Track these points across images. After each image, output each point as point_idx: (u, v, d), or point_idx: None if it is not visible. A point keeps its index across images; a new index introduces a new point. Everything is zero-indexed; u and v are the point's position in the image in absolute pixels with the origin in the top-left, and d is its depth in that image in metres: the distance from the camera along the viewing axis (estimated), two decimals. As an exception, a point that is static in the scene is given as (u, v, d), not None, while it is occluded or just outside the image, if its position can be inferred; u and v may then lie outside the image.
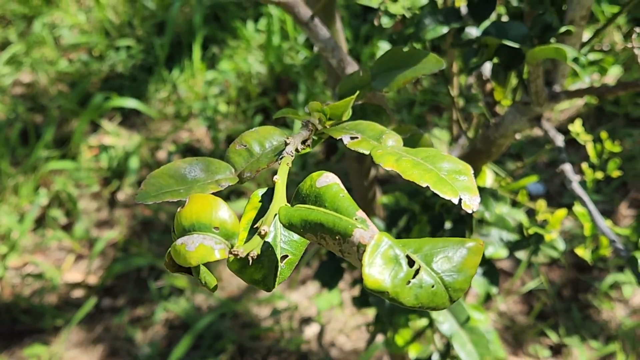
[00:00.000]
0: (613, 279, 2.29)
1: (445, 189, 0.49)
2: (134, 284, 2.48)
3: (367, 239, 0.43)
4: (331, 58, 1.06)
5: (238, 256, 0.45)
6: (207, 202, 0.46)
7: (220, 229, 0.46)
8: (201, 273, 0.48)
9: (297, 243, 0.52)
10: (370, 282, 0.42)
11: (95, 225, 2.67)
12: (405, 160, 0.52)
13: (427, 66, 0.73)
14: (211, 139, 2.88)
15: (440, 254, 0.44)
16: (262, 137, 0.59)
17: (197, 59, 3.08)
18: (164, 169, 0.55)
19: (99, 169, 2.83)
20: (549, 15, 0.95)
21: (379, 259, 0.42)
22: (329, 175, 0.49)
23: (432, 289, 0.42)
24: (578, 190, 1.03)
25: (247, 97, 3.01)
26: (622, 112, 2.75)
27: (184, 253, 0.44)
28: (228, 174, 0.56)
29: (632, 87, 0.94)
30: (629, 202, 2.50)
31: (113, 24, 3.36)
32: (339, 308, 2.30)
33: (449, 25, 1.08)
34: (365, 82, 0.75)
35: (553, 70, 1.08)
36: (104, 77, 3.18)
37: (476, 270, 0.43)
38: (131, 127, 3.01)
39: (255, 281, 0.51)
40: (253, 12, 3.31)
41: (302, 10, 1.03)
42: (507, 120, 1.18)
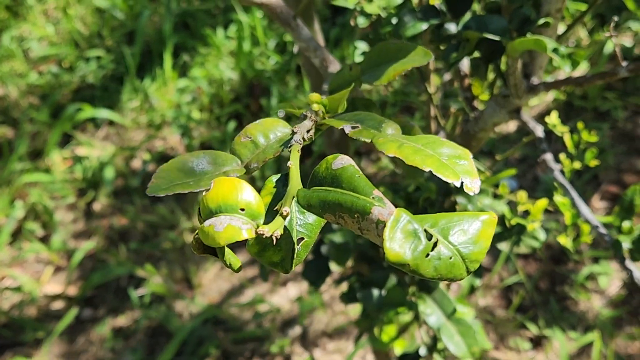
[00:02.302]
0: (589, 270, 2.32)
1: (447, 173, 0.51)
2: (114, 293, 2.48)
3: (385, 215, 0.45)
4: (314, 57, 1.08)
5: (264, 236, 0.46)
6: (232, 185, 0.47)
7: (246, 210, 0.47)
8: (226, 255, 0.49)
9: (312, 225, 0.53)
10: (392, 256, 0.43)
11: (72, 237, 2.66)
12: (406, 146, 0.53)
13: (416, 58, 0.74)
14: (185, 146, 2.88)
15: (456, 227, 0.46)
16: (267, 129, 0.60)
17: (168, 67, 3.08)
18: (172, 163, 0.56)
19: (73, 180, 2.82)
20: (527, 9, 0.97)
21: (399, 233, 0.44)
22: (344, 158, 0.50)
23: (450, 260, 0.44)
24: (560, 178, 1.05)
25: (220, 103, 3.01)
26: (591, 106, 2.79)
27: (212, 234, 0.45)
28: (235, 166, 0.57)
29: (609, 76, 0.96)
30: (601, 194, 2.54)
31: (82, 35, 3.35)
32: (321, 309, 2.31)
33: (428, 21, 1.10)
34: (355, 77, 0.77)
35: (530, 63, 1.10)
36: (75, 88, 3.17)
37: (490, 242, 0.45)
38: (104, 137, 3.00)
39: (273, 263, 0.52)
40: (222, 19, 3.32)
41: (285, 11, 1.05)
42: (486, 114, 1.21)
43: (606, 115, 2.78)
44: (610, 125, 2.74)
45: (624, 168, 2.60)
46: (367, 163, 2.75)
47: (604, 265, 2.33)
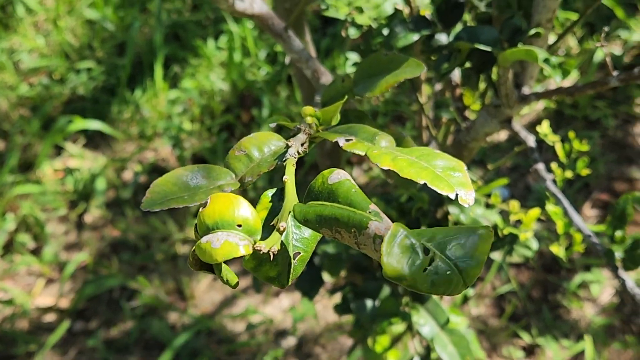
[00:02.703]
0: (581, 278, 2.33)
1: (442, 185, 0.51)
2: (107, 305, 2.47)
3: (382, 230, 0.45)
4: (305, 68, 1.08)
5: (261, 252, 0.46)
6: (229, 201, 0.47)
7: (243, 226, 0.47)
8: (223, 271, 0.49)
9: (308, 240, 0.54)
10: (390, 271, 0.44)
11: (64, 249, 2.65)
12: (401, 159, 0.54)
13: (408, 70, 0.75)
14: (176, 157, 2.88)
15: (453, 241, 0.46)
16: (261, 142, 0.60)
17: (159, 79, 3.08)
18: (167, 177, 0.56)
19: (65, 192, 2.82)
20: (517, 19, 0.98)
21: (396, 248, 0.44)
22: (340, 172, 0.50)
23: (447, 275, 0.44)
24: (552, 188, 1.06)
25: (211, 114, 3.01)
26: (581, 115, 2.80)
27: (209, 250, 0.45)
28: (229, 180, 0.57)
29: (600, 86, 0.97)
30: (592, 202, 2.55)
31: (72, 46, 3.35)
32: (314, 320, 2.31)
33: (419, 32, 1.10)
34: (347, 89, 0.77)
35: (522, 73, 1.11)
36: (65, 100, 3.17)
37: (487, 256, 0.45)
38: (95, 148, 3.00)
39: (270, 278, 0.53)
40: (213, 30, 3.32)
41: (276, 22, 1.05)
42: (478, 124, 1.21)
43: (596, 124, 2.79)
44: (601, 133, 2.75)
45: (615, 176, 2.61)
46: (359, 173, 2.75)
47: (595, 273, 2.34)
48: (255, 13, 1.02)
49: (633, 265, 0.94)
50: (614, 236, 0.99)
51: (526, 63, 1.08)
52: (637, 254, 0.93)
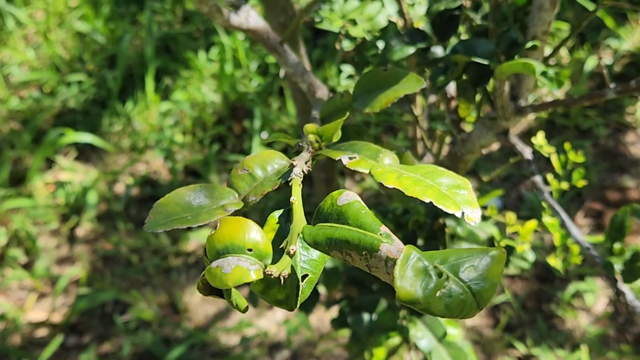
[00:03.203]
0: (575, 288, 2.33)
1: (448, 204, 0.51)
2: (99, 319, 2.46)
3: (394, 252, 0.45)
4: (301, 82, 1.08)
5: (272, 276, 0.46)
6: (239, 225, 0.46)
7: (253, 250, 0.46)
8: (232, 295, 0.49)
9: (316, 262, 0.53)
10: (403, 294, 0.43)
11: (56, 263, 2.64)
12: (406, 177, 0.53)
13: (408, 85, 0.74)
14: (168, 170, 2.87)
15: (466, 263, 0.45)
16: (264, 161, 0.60)
17: (151, 91, 3.07)
18: (169, 197, 0.55)
19: (56, 206, 2.80)
20: (514, 32, 0.97)
21: (409, 271, 0.44)
22: (349, 194, 0.50)
23: (461, 297, 0.44)
24: (550, 200, 1.05)
25: (203, 126, 3.01)
26: (573, 124, 2.81)
27: (220, 275, 0.45)
28: (232, 199, 0.57)
29: (596, 97, 0.97)
30: (585, 211, 2.55)
31: (63, 59, 3.34)
32: (309, 332, 2.30)
33: (415, 45, 1.10)
34: (347, 104, 0.77)
35: (517, 85, 1.10)
36: (56, 113, 3.15)
37: (500, 278, 0.45)
38: (87, 161, 2.98)
39: (278, 301, 0.52)
40: (204, 42, 3.31)
41: (272, 37, 1.05)
42: (474, 136, 1.21)
43: (588, 133, 2.79)
44: (593, 142, 2.75)
45: (607, 185, 2.62)
46: (351, 184, 2.75)
47: (589, 282, 2.34)
48: (250, 27, 1.02)
49: (633, 278, 0.94)
50: (612, 248, 0.99)
51: (522, 75, 1.08)
52: (636, 267, 0.92)
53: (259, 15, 1.03)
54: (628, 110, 2.84)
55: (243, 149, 2.90)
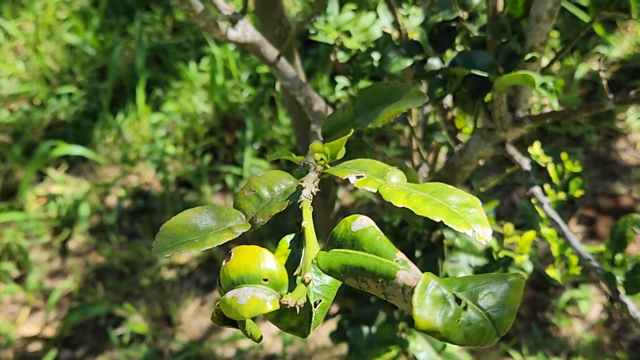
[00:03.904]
0: (569, 295, 2.33)
1: (459, 223, 0.50)
2: (93, 333, 2.44)
3: (411, 280, 0.44)
4: (298, 96, 1.07)
5: (288, 306, 0.45)
6: (253, 254, 0.46)
7: (269, 280, 0.45)
8: (247, 325, 0.48)
9: (329, 287, 0.52)
10: (422, 323, 0.42)
11: (48, 276, 2.62)
12: (415, 196, 0.53)
13: (410, 100, 0.74)
14: (160, 181, 2.86)
15: (485, 290, 0.45)
16: (270, 181, 0.59)
17: (142, 102, 3.06)
18: (175, 220, 0.55)
19: (48, 219, 2.79)
20: (512, 43, 0.97)
21: (428, 299, 0.43)
22: (364, 219, 0.49)
23: (480, 325, 0.43)
24: (549, 211, 1.05)
25: (195, 137, 3.00)
26: (564, 132, 2.81)
27: (235, 307, 0.44)
28: (239, 221, 0.56)
29: (595, 108, 0.96)
30: (578, 219, 2.56)
31: (53, 71, 3.32)
32: (304, 343, 2.29)
33: (412, 57, 1.10)
34: (348, 119, 0.76)
35: (515, 96, 1.10)
36: (47, 125, 3.14)
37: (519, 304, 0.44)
38: (78, 174, 2.97)
39: (291, 328, 0.51)
40: (194, 53, 3.31)
41: (269, 50, 1.04)
42: (471, 147, 1.21)
43: (579, 140, 2.80)
44: (584, 149, 2.76)
45: (599, 192, 2.62)
46: (344, 193, 2.74)
47: (584, 290, 2.34)
48: (247, 41, 1.01)
49: (636, 290, 0.93)
50: (614, 259, 0.98)
51: (520, 86, 1.08)
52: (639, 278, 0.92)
53: (255, 29, 1.03)
54: (619, 117, 2.84)
55: (235, 160, 2.89)
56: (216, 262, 2.58)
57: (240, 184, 2.73)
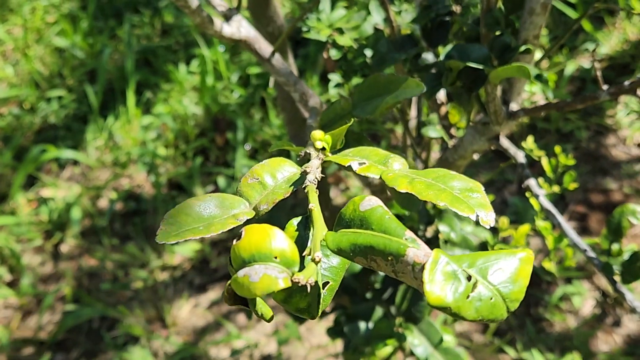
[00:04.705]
0: (562, 291, 2.33)
1: (462, 207, 0.51)
2: (87, 336, 2.44)
3: (421, 257, 0.44)
4: (293, 92, 1.07)
5: (300, 284, 0.45)
6: (264, 232, 0.46)
7: (280, 258, 0.46)
8: (257, 305, 0.48)
9: (337, 268, 0.53)
10: (433, 299, 0.43)
11: (41, 280, 2.61)
12: (418, 182, 0.53)
13: (408, 91, 0.74)
14: (152, 183, 2.85)
15: (494, 266, 0.45)
16: (273, 169, 0.59)
17: (132, 105, 3.06)
18: (179, 208, 0.55)
19: (39, 222, 2.78)
20: (507, 36, 0.98)
21: (439, 275, 0.43)
22: (372, 199, 0.50)
23: (490, 301, 0.44)
24: (545, 203, 1.05)
25: (186, 139, 3.00)
26: (554, 128, 2.82)
27: (247, 284, 0.44)
28: (243, 208, 0.56)
29: (589, 99, 0.97)
30: (569, 214, 2.57)
31: (42, 75, 3.32)
32: (299, 342, 2.29)
33: (406, 52, 1.10)
34: (347, 111, 0.77)
35: (509, 90, 1.11)
36: (37, 129, 3.13)
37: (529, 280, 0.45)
38: (70, 177, 2.96)
39: (300, 310, 0.51)
40: (184, 55, 3.31)
41: (263, 47, 1.04)
42: (466, 141, 1.21)
43: (569, 136, 2.81)
44: (574, 145, 2.77)
45: (590, 188, 2.63)
46: (336, 193, 2.74)
47: (576, 285, 2.35)
48: (242, 37, 1.01)
49: (632, 279, 0.94)
50: (610, 250, 0.99)
51: (513, 79, 1.09)
52: (636, 267, 0.93)
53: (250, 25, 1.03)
54: (608, 113, 2.86)
55: (226, 161, 2.89)
56: (209, 263, 2.58)
57: (233, 186, 2.73)
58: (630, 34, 3.01)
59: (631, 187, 2.59)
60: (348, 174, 2.74)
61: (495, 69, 0.91)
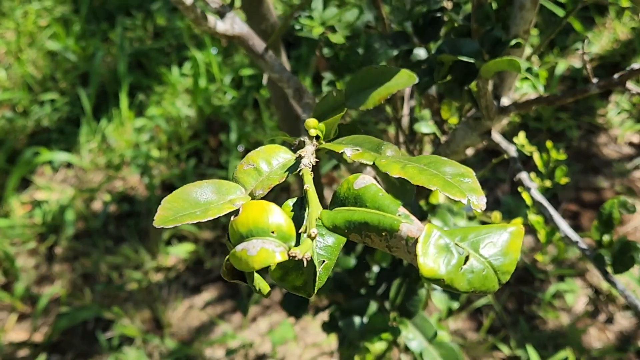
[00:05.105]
0: (555, 288, 2.35)
1: (454, 191, 0.52)
2: (81, 337, 2.44)
3: (414, 231, 0.45)
4: (287, 88, 1.08)
5: (296, 258, 0.46)
6: (261, 208, 0.47)
7: (277, 233, 0.47)
8: (255, 280, 0.49)
9: (332, 247, 0.54)
10: (427, 271, 0.44)
11: (35, 282, 2.61)
12: (410, 167, 0.54)
13: (400, 82, 0.75)
14: (145, 185, 2.86)
15: (486, 239, 0.46)
16: (269, 155, 0.60)
17: (125, 107, 3.07)
18: (176, 194, 0.56)
19: (33, 225, 2.78)
20: (497, 31, 0.99)
21: (432, 248, 0.44)
22: (365, 177, 0.51)
23: (482, 273, 0.45)
24: (537, 196, 1.07)
25: (179, 141, 3.00)
26: (546, 127, 2.84)
27: (245, 258, 0.45)
28: (239, 194, 0.57)
29: (580, 93, 0.98)
30: (562, 213, 2.58)
31: (35, 78, 3.32)
32: (294, 342, 2.30)
33: (399, 47, 1.11)
34: (339, 103, 0.78)
35: (500, 85, 1.12)
36: (30, 132, 3.14)
37: (519, 253, 0.46)
38: (63, 180, 2.97)
39: (297, 287, 0.52)
40: (177, 57, 3.31)
41: (257, 43, 1.05)
42: (458, 137, 1.22)
43: (561, 135, 2.82)
44: (566, 144, 2.78)
45: (582, 186, 2.64)
46: (329, 193, 2.75)
47: (569, 282, 2.36)
48: (236, 34, 1.02)
49: (623, 269, 0.95)
50: (601, 241, 1.00)
51: (504, 74, 1.10)
52: (627, 257, 0.94)
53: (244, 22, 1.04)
54: (599, 112, 2.87)
55: (220, 163, 2.90)
56: (203, 264, 2.59)
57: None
58: (620, 33, 3.03)
59: (622, 186, 2.61)
60: (341, 175, 2.75)
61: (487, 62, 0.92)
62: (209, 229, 2.68)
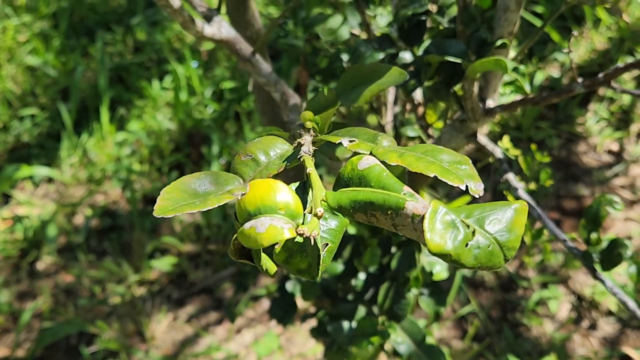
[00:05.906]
0: (538, 295, 2.36)
1: (452, 178, 0.52)
2: (65, 352, 2.42)
3: (420, 209, 0.46)
4: (274, 92, 1.09)
5: (304, 235, 0.46)
6: (269, 186, 0.47)
7: (285, 210, 0.47)
8: (262, 260, 0.49)
9: (335, 231, 0.54)
10: (434, 247, 0.44)
11: (17, 298, 2.59)
12: (407, 155, 0.54)
13: (391, 79, 0.76)
14: (127, 199, 2.85)
15: (491, 216, 0.47)
16: (266, 146, 0.61)
17: (106, 122, 3.06)
18: (174, 185, 0.56)
19: (14, 241, 2.76)
20: (483, 32, 1.00)
21: (438, 224, 0.45)
22: (369, 158, 0.51)
23: (488, 249, 0.45)
24: (524, 196, 1.07)
25: (161, 154, 3.00)
26: (526, 136, 2.86)
27: (254, 235, 0.45)
28: (237, 184, 0.57)
29: (565, 93, 0.99)
30: (543, 221, 2.59)
31: (14, 94, 3.31)
32: (279, 352, 2.29)
33: (384, 51, 1.12)
34: (331, 101, 0.78)
35: (485, 87, 1.13)
36: (10, 148, 3.12)
37: (523, 229, 0.46)
38: (44, 195, 2.95)
39: (301, 270, 0.52)
40: (157, 71, 3.31)
41: (244, 47, 1.06)
42: (444, 140, 1.23)
43: (541, 144, 2.84)
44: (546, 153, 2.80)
45: (563, 194, 2.66)
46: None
47: (552, 289, 2.37)
48: (223, 38, 1.03)
49: (611, 266, 0.96)
50: (589, 239, 1.01)
51: (490, 76, 1.11)
52: (614, 255, 0.95)
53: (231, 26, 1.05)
54: (578, 121, 2.90)
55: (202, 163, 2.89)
56: (186, 277, 2.58)
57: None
58: (598, 43, 3.06)
59: (602, 193, 2.62)
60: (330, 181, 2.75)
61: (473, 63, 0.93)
62: (191, 242, 2.67)
